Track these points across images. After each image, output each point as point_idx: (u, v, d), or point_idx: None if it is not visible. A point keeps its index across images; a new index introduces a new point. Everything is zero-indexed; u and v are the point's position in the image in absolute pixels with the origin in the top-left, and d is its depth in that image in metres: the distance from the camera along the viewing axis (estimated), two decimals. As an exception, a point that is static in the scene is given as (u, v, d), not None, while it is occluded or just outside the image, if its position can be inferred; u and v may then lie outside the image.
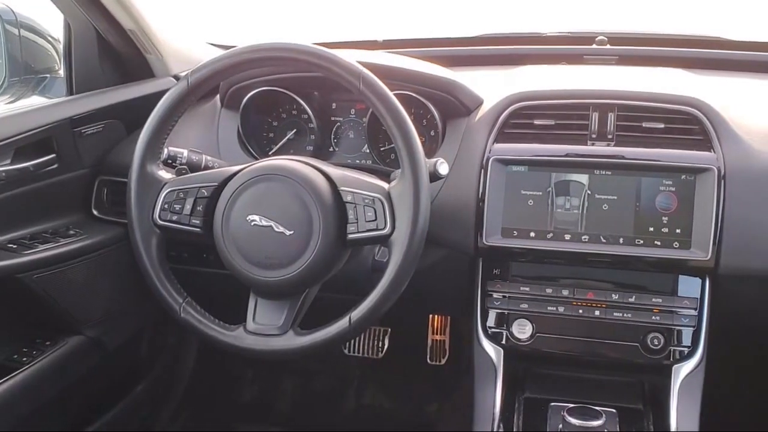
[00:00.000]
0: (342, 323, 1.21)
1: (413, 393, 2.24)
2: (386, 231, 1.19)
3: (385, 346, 2.19)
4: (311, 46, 1.22)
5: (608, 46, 1.79)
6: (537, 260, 1.41)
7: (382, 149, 1.56)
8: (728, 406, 1.77)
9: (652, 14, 2.09)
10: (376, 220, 1.20)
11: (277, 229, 1.21)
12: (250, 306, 1.27)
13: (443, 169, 1.26)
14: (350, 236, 1.22)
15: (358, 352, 2.20)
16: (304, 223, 1.21)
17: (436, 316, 2.18)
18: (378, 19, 2.29)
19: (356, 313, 1.20)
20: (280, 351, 1.24)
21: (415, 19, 2.29)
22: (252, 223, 1.22)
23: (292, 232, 1.21)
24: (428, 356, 2.19)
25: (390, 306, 1.21)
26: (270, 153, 1.62)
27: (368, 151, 1.56)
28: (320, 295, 1.31)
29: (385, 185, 1.23)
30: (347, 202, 1.22)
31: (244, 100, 1.56)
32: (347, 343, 2.20)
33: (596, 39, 1.81)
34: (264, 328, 1.25)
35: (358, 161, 1.58)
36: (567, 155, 1.37)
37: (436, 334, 2.20)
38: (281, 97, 1.57)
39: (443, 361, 2.17)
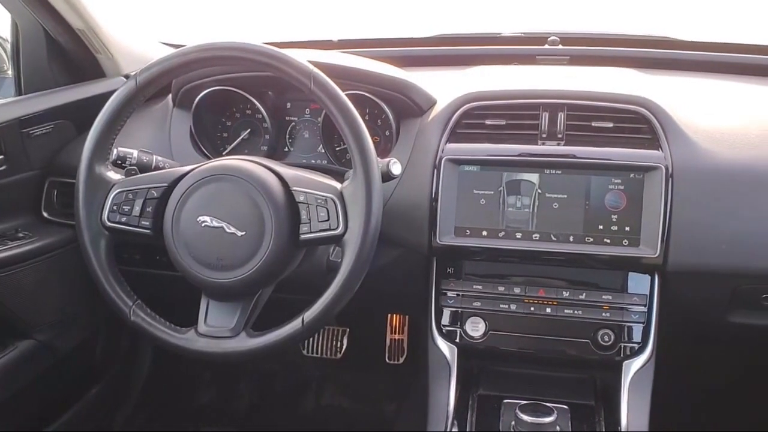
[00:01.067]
0: (295, 324, 1.20)
1: (372, 392, 2.24)
2: (339, 231, 1.19)
3: (344, 347, 2.20)
4: (261, 45, 1.22)
5: (560, 47, 1.81)
6: (490, 259, 1.43)
7: (337, 149, 1.56)
8: (678, 401, 1.80)
9: (603, 15, 2.12)
10: (328, 220, 1.20)
11: (228, 230, 1.21)
12: (202, 308, 1.26)
13: (396, 169, 1.27)
14: (303, 236, 1.21)
15: (317, 353, 2.20)
16: (256, 224, 1.20)
17: (394, 315, 2.18)
18: (335, 20, 2.29)
19: (309, 314, 1.20)
20: (232, 353, 1.23)
21: (372, 19, 2.29)
22: (203, 224, 1.22)
23: (243, 233, 1.20)
24: (387, 355, 2.19)
25: (343, 306, 1.21)
26: (224, 153, 1.61)
27: (323, 151, 1.56)
28: (275, 295, 1.30)
29: (338, 185, 1.23)
30: (300, 202, 1.22)
31: (197, 99, 1.55)
32: (305, 344, 2.20)
33: (548, 39, 1.83)
34: (216, 330, 1.24)
35: (313, 161, 1.58)
36: (517, 155, 1.38)
37: (395, 333, 2.20)
38: (235, 97, 1.56)
39: (402, 360, 2.18)
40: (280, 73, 1.21)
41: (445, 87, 1.52)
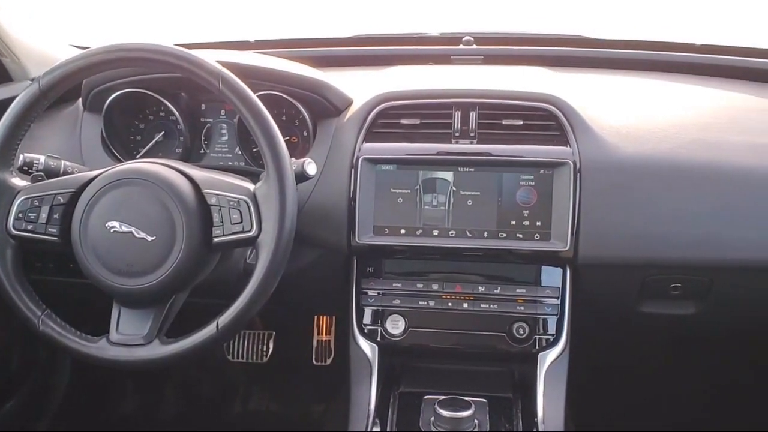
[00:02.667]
0: (209, 329, 1.19)
1: (300, 395, 2.23)
2: (253, 233, 1.18)
3: (270, 350, 2.18)
4: (168, 46, 1.20)
5: (474, 46, 1.84)
6: (409, 256, 1.44)
7: (254, 150, 1.54)
8: (593, 389, 1.85)
9: (517, 14, 2.16)
10: (241, 222, 1.19)
11: (137, 235, 1.19)
12: (113, 316, 1.23)
13: (311, 169, 1.27)
14: (216, 240, 1.20)
15: (242, 358, 2.18)
16: (167, 228, 1.18)
17: (321, 316, 2.18)
18: (254, 21, 2.27)
19: (224, 318, 1.19)
20: (146, 361, 1.21)
21: (291, 19, 2.28)
22: (111, 230, 1.19)
23: (154, 238, 1.18)
24: (314, 357, 2.19)
25: (259, 309, 1.20)
26: (137, 156, 1.57)
27: (240, 152, 1.54)
28: (193, 301, 1.28)
29: (251, 186, 1.22)
30: (212, 205, 1.20)
31: (107, 102, 1.51)
32: (230, 349, 2.18)
33: (463, 39, 1.86)
34: (128, 338, 1.21)
35: (230, 163, 1.56)
36: (432, 154, 1.40)
37: (322, 334, 2.20)
38: (147, 99, 1.53)
39: (329, 361, 2.17)
40: (188, 74, 1.20)
41: (362, 87, 1.53)
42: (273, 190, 1.17)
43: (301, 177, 1.25)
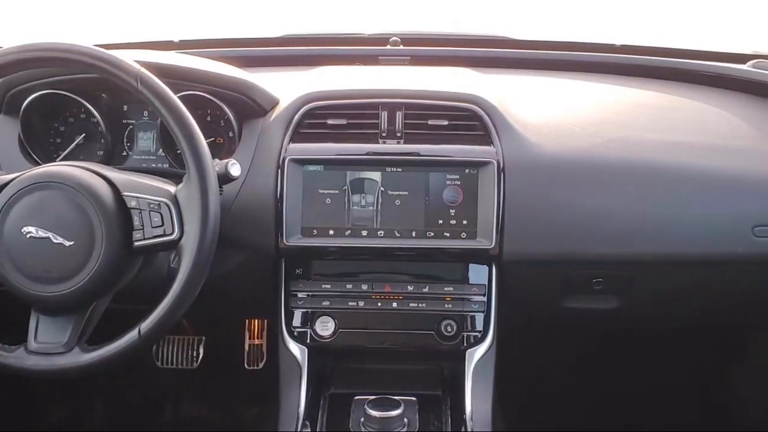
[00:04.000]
0: (131, 336, 1.17)
1: (232, 400, 2.21)
2: (174, 236, 1.17)
3: (200, 355, 2.14)
4: (84, 45, 1.17)
5: (401, 47, 1.86)
6: (338, 257, 1.44)
7: (178, 151, 1.50)
8: (521, 384, 1.89)
9: (443, 16, 2.19)
10: (163, 225, 1.17)
11: (55, 241, 1.16)
12: (31, 324, 1.20)
13: (235, 170, 1.25)
14: (137, 244, 1.18)
15: (172, 364, 2.14)
16: (85, 233, 1.15)
17: (252, 320, 2.16)
18: (181, 20, 2.23)
19: (146, 324, 1.16)
20: (66, 369, 1.18)
21: (219, 20, 2.25)
22: (28, 235, 1.16)
23: (72, 243, 1.16)
24: (246, 361, 2.16)
25: (182, 313, 1.18)
26: (58, 159, 1.53)
27: (163, 154, 1.52)
28: (116, 307, 1.25)
29: (172, 189, 1.20)
30: (132, 208, 1.18)
31: (24, 104, 1.46)
32: (159, 355, 2.13)
33: (390, 40, 1.87)
34: (47, 347, 1.18)
35: (154, 165, 1.53)
36: (359, 154, 1.40)
37: (253, 338, 2.17)
38: (67, 101, 1.48)
39: (261, 365, 2.15)
40: (104, 74, 1.17)
41: (288, 87, 1.52)
42: (195, 192, 1.15)
43: (225, 178, 1.24)
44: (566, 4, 2.21)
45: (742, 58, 1.82)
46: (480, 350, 1.43)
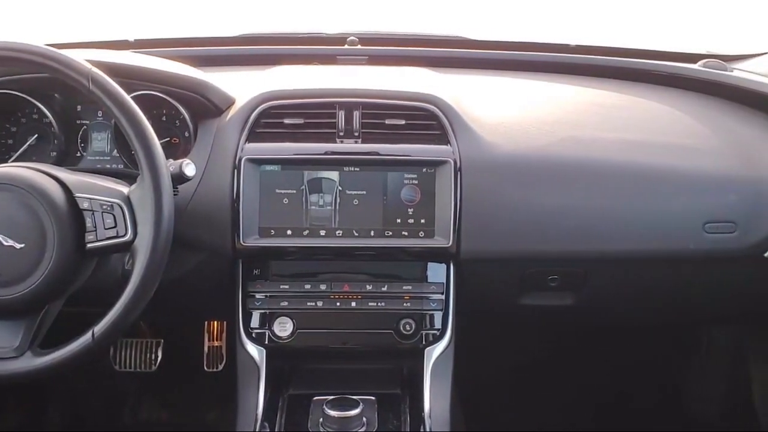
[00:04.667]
0: (85, 339, 1.15)
1: (192, 402, 2.19)
2: (128, 238, 1.15)
3: (159, 358, 2.12)
4: (33, 44, 1.15)
5: (359, 47, 1.86)
6: (296, 258, 1.43)
7: (132, 152, 1.49)
8: (479, 382, 1.91)
9: (402, 15, 2.19)
10: (116, 226, 1.15)
11: (5, 243, 1.14)
12: None
13: (190, 170, 1.24)
14: (89, 245, 1.16)
15: (130, 367, 2.11)
16: (36, 235, 1.14)
17: (211, 321, 2.14)
18: (138, 20, 2.20)
19: (100, 327, 1.15)
20: (18, 374, 1.16)
21: (176, 19, 2.23)
22: None
23: (23, 245, 1.14)
24: (205, 363, 2.14)
25: (137, 315, 1.16)
26: (10, 161, 1.49)
27: (118, 154, 1.50)
28: (70, 310, 1.23)
29: (125, 189, 1.18)
30: (84, 210, 1.16)
31: None
32: (116, 359, 2.10)
33: (348, 40, 1.87)
34: None
35: (108, 166, 1.51)
36: (317, 153, 1.39)
37: (213, 340, 2.15)
38: (19, 101, 1.45)
39: (221, 367, 2.13)
40: (55, 74, 1.16)
41: (245, 86, 1.51)
42: (148, 193, 1.14)
43: (180, 179, 1.23)
44: (523, 5, 2.23)
45: (693, 58, 1.85)
46: (438, 348, 1.43)
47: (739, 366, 1.99)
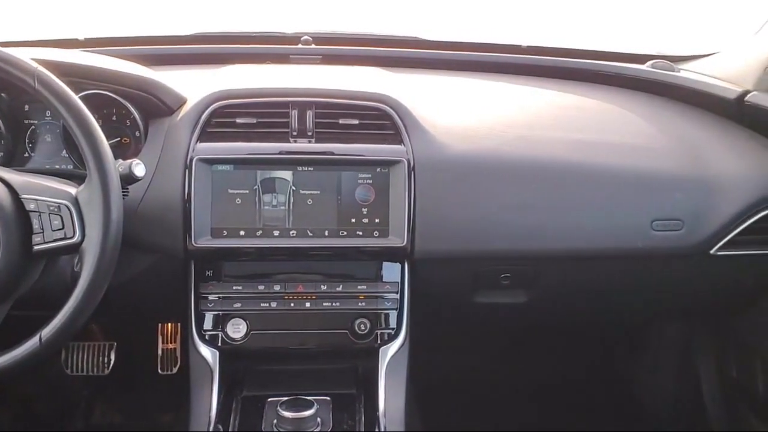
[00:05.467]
0: (32, 343, 1.12)
1: (146, 406, 2.15)
2: (76, 239, 1.13)
3: (112, 361, 2.08)
4: None
5: (313, 46, 1.85)
6: (249, 258, 1.42)
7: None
8: (436, 380, 1.92)
9: (356, 15, 2.19)
10: (63, 228, 1.13)
11: None
12: None
13: (139, 170, 1.23)
14: (36, 248, 1.14)
15: (82, 371, 2.07)
16: None
17: (165, 324, 2.11)
18: (89, 18, 2.17)
19: (47, 331, 1.12)
20: None
21: (128, 18, 2.20)
22: None
23: None
24: (159, 366, 2.11)
25: (86, 318, 1.14)
26: None
27: (67, 155, 1.47)
28: (18, 314, 1.21)
29: (73, 190, 1.16)
30: (31, 211, 1.14)
31: None
32: (68, 362, 2.06)
33: (301, 39, 1.87)
34: None
35: (57, 166, 1.48)
36: (270, 153, 1.39)
37: (167, 342, 2.12)
38: None
39: (175, 370, 2.10)
40: (0, 73, 1.13)
41: (197, 86, 1.49)
42: (96, 194, 1.12)
43: (129, 179, 1.21)
44: (475, 5, 2.25)
45: (642, 59, 1.89)
46: (393, 347, 1.44)
47: (688, 360, 2.04)
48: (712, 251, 1.48)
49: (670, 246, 1.47)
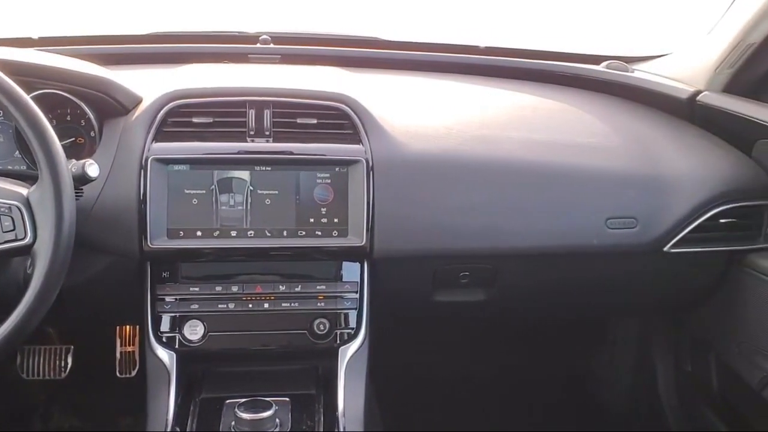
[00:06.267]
0: None
1: (104, 410, 2.12)
2: (27, 241, 1.11)
3: (69, 365, 2.05)
4: None
5: (272, 45, 1.84)
6: (207, 259, 1.41)
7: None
8: (396, 380, 1.92)
9: (316, 15, 2.19)
10: (14, 229, 1.11)
11: None
12: None
13: (93, 170, 1.21)
14: None
15: (38, 375, 2.03)
16: None
17: (123, 326, 2.08)
18: (45, 17, 2.13)
19: None
20: None
21: (85, 17, 2.17)
22: None
23: None
24: (117, 369, 2.08)
25: (38, 321, 1.12)
26: None
27: (20, 156, 1.44)
28: None
29: (24, 191, 1.14)
30: None
31: None
32: (23, 366, 2.02)
33: (260, 38, 1.86)
34: None
35: (10, 167, 1.45)
36: (226, 153, 1.38)
37: (125, 345, 2.09)
38: None
39: (134, 373, 2.08)
40: None
41: (153, 85, 1.48)
42: (48, 195, 1.10)
43: (82, 179, 1.19)
44: (434, 5, 2.27)
45: (597, 60, 1.92)
46: (353, 347, 1.43)
47: (644, 355, 2.08)
48: (665, 249, 1.51)
49: (625, 244, 1.49)
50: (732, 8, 1.65)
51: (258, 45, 1.84)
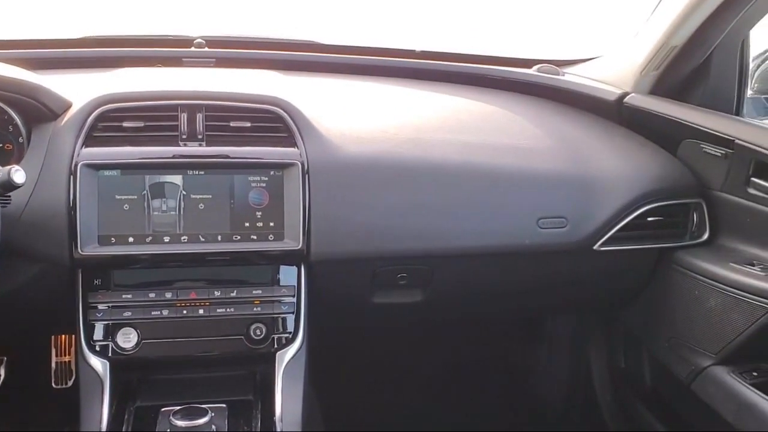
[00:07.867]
0: None
1: (40, 421, 2.07)
2: None
3: (2, 377, 1.99)
4: None
5: (206, 49, 1.83)
6: (141, 266, 1.39)
7: None
8: (337, 382, 1.93)
9: (252, 19, 2.19)
10: None
11: None
12: None
13: (18, 177, 1.19)
14: None
15: (-31, 387, 1.98)
16: None
17: (59, 335, 2.04)
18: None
19: None
20: None
21: (13, 19, 2.12)
22: None
23: None
24: (53, 380, 2.04)
25: None
26: None
27: None
28: None
29: None
30: None
31: None
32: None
33: (195, 42, 1.84)
34: None
35: None
36: (158, 157, 1.36)
37: (61, 355, 2.05)
38: None
39: (70, 383, 2.03)
40: None
41: (83, 90, 1.45)
42: None
43: (8, 186, 1.17)
44: (371, 10, 2.28)
45: (529, 63, 1.96)
46: (290, 351, 1.43)
47: (580, 352, 2.12)
48: (595, 247, 1.55)
49: (556, 243, 1.52)
50: (656, 11, 1.69)
51: (192, 48, 1.83)
